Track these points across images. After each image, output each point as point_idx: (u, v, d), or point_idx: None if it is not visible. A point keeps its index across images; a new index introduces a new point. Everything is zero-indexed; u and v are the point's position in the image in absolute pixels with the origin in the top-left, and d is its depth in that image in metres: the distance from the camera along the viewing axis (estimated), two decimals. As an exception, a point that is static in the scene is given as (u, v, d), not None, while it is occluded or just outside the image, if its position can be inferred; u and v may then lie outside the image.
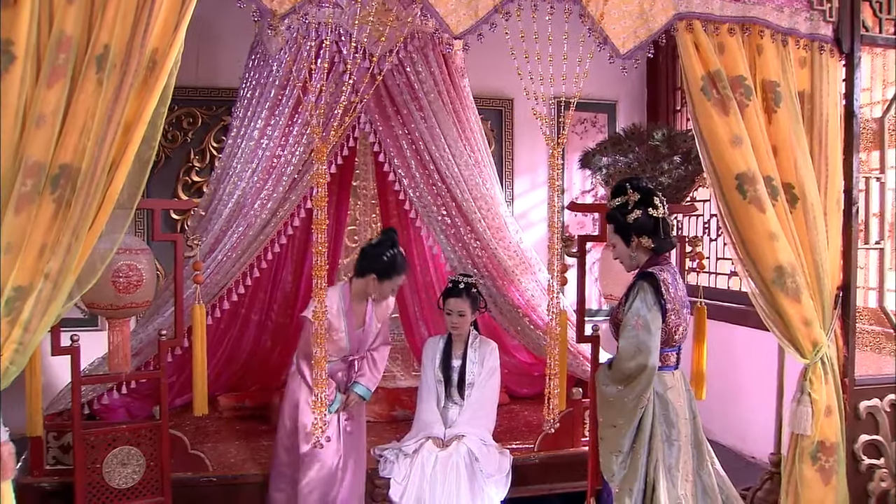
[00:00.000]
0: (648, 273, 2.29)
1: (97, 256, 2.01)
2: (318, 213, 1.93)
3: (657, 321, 2.23)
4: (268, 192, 3.19)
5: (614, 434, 2.27)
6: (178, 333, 2.79)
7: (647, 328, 2.20)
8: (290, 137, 3.21)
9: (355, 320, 2.93)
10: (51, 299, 1.85)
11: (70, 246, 1.86)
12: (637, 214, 2.30)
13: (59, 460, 2.93)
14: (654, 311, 2.23)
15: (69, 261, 1.87)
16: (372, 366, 3.01)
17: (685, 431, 2.35)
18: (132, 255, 2.58)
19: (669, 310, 2.26)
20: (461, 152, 3.36)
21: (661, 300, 2.24)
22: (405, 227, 4.18)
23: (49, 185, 1.85)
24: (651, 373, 2.21)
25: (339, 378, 2.98)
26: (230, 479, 3.05)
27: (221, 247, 3.18)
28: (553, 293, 2.56)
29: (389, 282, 2.87)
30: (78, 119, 1.86)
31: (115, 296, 2.55)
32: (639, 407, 2.23)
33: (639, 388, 2.21)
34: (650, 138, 4.28)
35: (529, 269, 3.47)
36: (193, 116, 4.69)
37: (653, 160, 4.16)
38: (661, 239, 2.32)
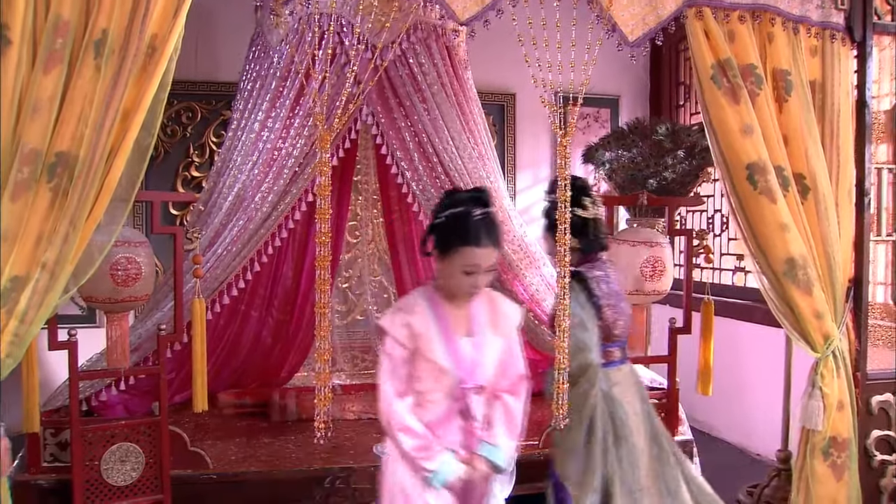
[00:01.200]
0: (576, 272, 2.27)
1: (95, 247, 1.96)
2: (321, 203, 1.88)
3: (592, 318, 2.24)
4: (268, 184, 3.14)
5: (568, 435, 2.24)
6: (178, 328, 2.74)
7: (583, 326, 2.21)
8: (291, 129, 3.17)
9: (454, 328, 1.96)
10: (47, 290, 1.81)
11: (67, 235, 1.81)
12: (577, 213, 2.28)
13: (57, 457, 2.88)
14: (588, 309, 2.24)
15: (66, 251, 1.82)
16: (505, 415, 2.03)
17: (638, 428, 2.31)
18: (131, 248, 2.53)
19: (604, 305, 2.26)
20: (465, 145, 3.32)
21: (593, 297, 2.24)
22: (407, 222, 4.14)
23: (46, 174, 1.80)
24: (594, 370, 2.20)
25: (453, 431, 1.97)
26: (231, 476, 2.99)
27: (221, 240, 3.13)
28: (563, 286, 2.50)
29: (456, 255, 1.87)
30: (75, 105, 1.81)
31: (114, 289, 2.50)
32: (587, 405, 2.22)
33: (584, 386, 2.21)
34: (654, 133, 4.25)
35: (534, 264, 3.43)
36: (192, 111, 4.64)
37: (656, 155, 4.12)
38: (589, 240, 2.33)
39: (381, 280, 4.66)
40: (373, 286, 4.65)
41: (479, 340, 1.96)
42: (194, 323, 2.73)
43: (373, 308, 4.64)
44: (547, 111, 5.27)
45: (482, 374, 1.96)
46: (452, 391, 1.94)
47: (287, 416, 3.69)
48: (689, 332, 3.07)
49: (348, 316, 4.63)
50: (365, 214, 4.49)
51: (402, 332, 1.91)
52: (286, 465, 3.09)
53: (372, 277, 4.63)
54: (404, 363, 1.92)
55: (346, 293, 4.59)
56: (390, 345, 1.92)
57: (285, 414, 3.70)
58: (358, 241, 4.56)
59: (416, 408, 1.94)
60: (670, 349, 3.05)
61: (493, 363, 1.98)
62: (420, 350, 1.91)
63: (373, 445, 3.21)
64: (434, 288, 2.00)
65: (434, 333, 1.92)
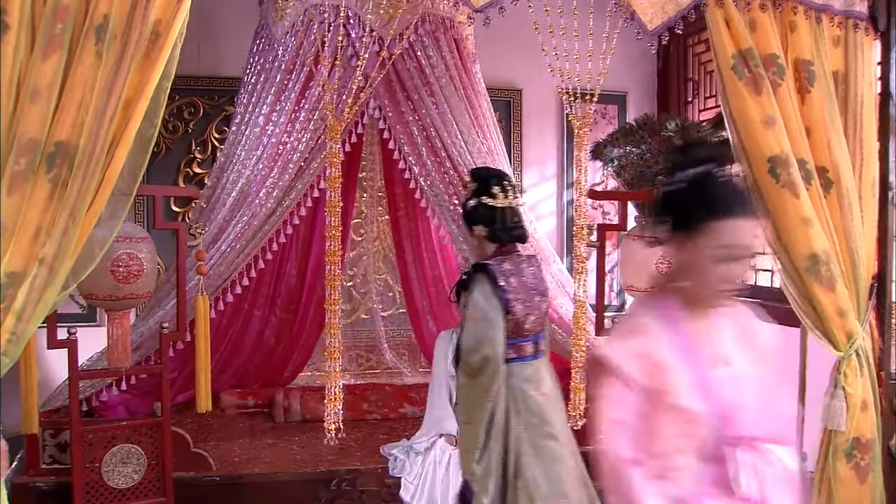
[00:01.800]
0: (482, 264, 2.22)
1: (95, 241, 1.89)
2: (331, 195, 1.81)
3: (496, 311, 2.15)
4: (273, 180, 3.06)
5: (470, 431, 2.17)
6: (181, 326, 2.66)
7: (486, 319, 2.14)
8: (296, 123, 3.09)
9: (703, 352, 1.39)
10: (46, 286, 1.73)
11: (67, 229, 1.74)
12: (474, 203, 2.26)
13: (56, 459, 2.81)
14: (493, 302, 2.15)
15: (66, 245, 1.74)
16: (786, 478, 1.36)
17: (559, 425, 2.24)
18: (132, 244, 2.46)
19: (512, 299, 2.17)
20: (474, 140, 3.24)
21: (499, 290, 2.15)
22: (413, 219, 4.06)
23: (44, 164, 1.73)
24: (495, 364, 2.12)
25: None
26: (234, 478, 2.92)
27: (225, 237, 3.05)
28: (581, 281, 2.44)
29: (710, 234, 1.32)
30: (75, 93, 1.74)
31: (114, 286, 2.42)
32: (487, 400, 2.13)
33: (485, 380, 2.13)
34: (663, 129, 4.18)
35: (545, 261, 3.35)
36: (195, 106, 4.55)
37: (665, 151, 4.06)
38: (498, 229, 2.25)
39: (386, 278, 4.59)
40: (378, 284, 4.58)
41: (738, 370, 1.38)
42: (197, 321, 2.66)
43: (378, 307, 4.57)
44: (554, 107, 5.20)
45: (745, 419, 1.34)
46: (707, 449, 1.34)
47: (291, 416, 3.62)
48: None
49: (353, 315, 4.56)
50: (370, 212, 4.42)
51: (637, 365, 1.33)
52: (291, 466, 3.02)
53: (377, 276, 4.57)
54: (641, 413, 1.32)
55: (351, 291, 4.52)
56: (619, 387, 1.34)
57: (289, 414, 3.63)
58: (363, 238, 4.48)
59: (659, 481, 1.32)
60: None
61: (755, 402, 1.36)
62: (661, 390, 1.32)
63: (379, 447, 3.14)
64: (666, 293, 1.41)
65: (678, 363, 1.33)
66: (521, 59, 5.02)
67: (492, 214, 2.24)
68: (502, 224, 2.25)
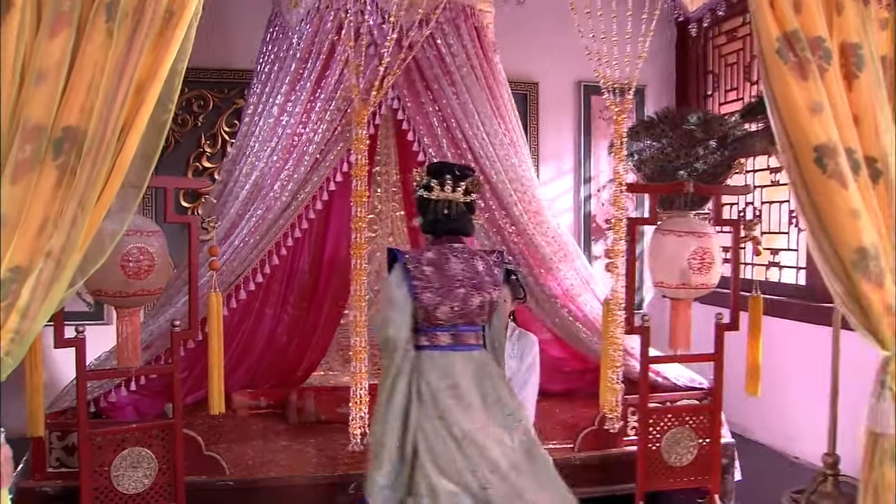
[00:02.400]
0: (392, 250, 2.34)
1: (106, 234, 1.78)
2: (357, 185, 1.70)
3: (400, 297, 2.24)
4: (288, 172, 2.95)
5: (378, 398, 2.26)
6: (193, 324, 2.55)
7: (390, 302, 2.26)
8: (311, 114, 2.97)
9: None
10: (52, 281, 1.62)
11: (75, 220, 1.62)
12: (419, 193, 2.34)
13: (63, 462, 2.71)
14: (398, 288, 2.25)
15: (74, 237, 1.63)
16: None
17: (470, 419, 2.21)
18: (143, 238, 2.35)
19: (420, 287, 2.23)
20: (495, 131, 3.12)
21: (408, 277, 2.23)
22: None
23: (51, 150, 1.61)
24: (394, 345, 2.22)
25: None
26: (249, 482, 2.82)
27: (238, 231, 2.94)
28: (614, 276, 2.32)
29: None
30: (84, 74, 1.62)
31: (124, 282, 2.31)
32: (388, 377, 2.22)
33: (387, 361, 2.24)
34: (685, 122, 4.06)
35: (569, 257, 3.23)
36: (204, 99, 4.46)
37: (687, 145, 3.93)
38: (430, 221, 2.33)
39: (400, 276, 4.47)
40: (390, 282, 4.47)
41: None
42: (210, 318, 2.54)
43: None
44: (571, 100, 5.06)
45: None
46: None
47: (305, 417, 3.50)
48: (737, 328, 2.87)
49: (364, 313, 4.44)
50: (384, 207, 4.31)
51: None
52: (307, 470, 2.91)
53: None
54: None
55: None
56: None
57: (303, 415, 3.52)
58: (376, 234, 4.37)
59: None
60: (717, 347, 2.85)
61: None
62: None
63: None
64: None
65: None
66: (538, 52, 4.92)
67: (425, 206, 2.32)
68: (434, 216, 2.31)
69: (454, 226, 2.33)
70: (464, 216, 2.33)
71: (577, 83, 5.10)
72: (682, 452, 2.84)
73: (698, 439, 2.85)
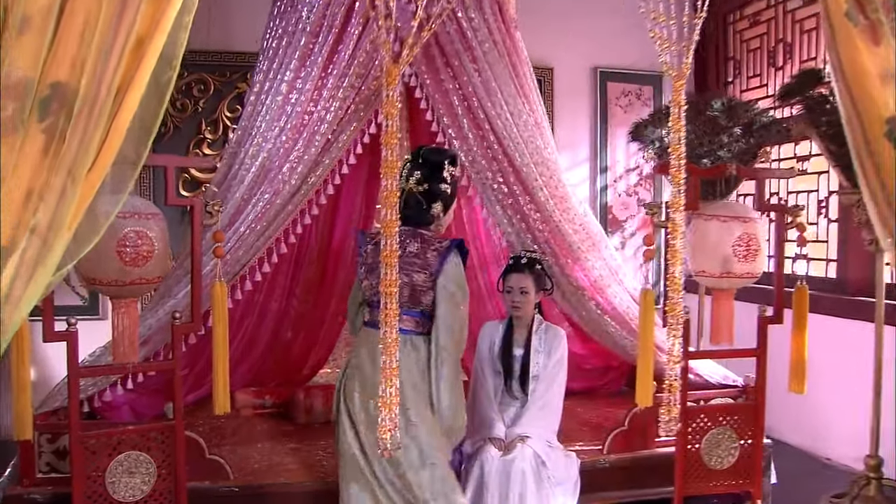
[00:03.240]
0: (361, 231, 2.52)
1: (100, 209, 1.56)
2: (387, 153, 1.48)
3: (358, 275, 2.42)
4: (297, 153, 2.73)
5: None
6: (195, 316, 2.33)
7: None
8: (323, 91, 2.76)
9: None
10: (38, 262, 1.40)
11: (65, 191, 1.41)
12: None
13: (54, 467, 2.49)
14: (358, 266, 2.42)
15: (63, 211, 1.42)
16: None
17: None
18: (141, 221, 2.13)
19: (359, 264, 2.40)
20: (519, 111, 2.91)
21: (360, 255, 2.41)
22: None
23: (37, 111, 1.40)
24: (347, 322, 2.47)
25: None
26: (255, 488, 2.60)
27: (244, 217, 2.72)
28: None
29: None
30: (76, 22, 1.41)
31: (121, 269, 2.10)
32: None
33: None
34: (708, 108, 3.90)
35: (597, 246, 3.02)
36: (205, 83, 4.25)
37: (711, 132, 3.77)
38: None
39: (408, 269, 4.27)
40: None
41: None
42: (214, 310, 2.32)
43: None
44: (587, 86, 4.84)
45: None
46: None
47: (314, 417, 3.30)
48: (781, 321, 2.67)
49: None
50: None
51: None
52: (318, 474, 2.70)
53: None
54: None
55: (371, 284, 4.19)
56: None
57: (312, 415, 3.31)
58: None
59: None
60: (760, 341, 2.65)
61: None
62: None
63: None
64: None
65: None
66: (553, 36, 4.71)
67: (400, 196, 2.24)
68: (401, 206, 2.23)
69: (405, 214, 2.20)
70: (418, 206, 2.29)
71: (593, 69, 4.91)
72: (723, 454, 2.64)
73: (740, 440, 2.65)
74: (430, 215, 2.32)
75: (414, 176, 2.28)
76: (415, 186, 2.28)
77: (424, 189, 2.28)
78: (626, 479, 2.90)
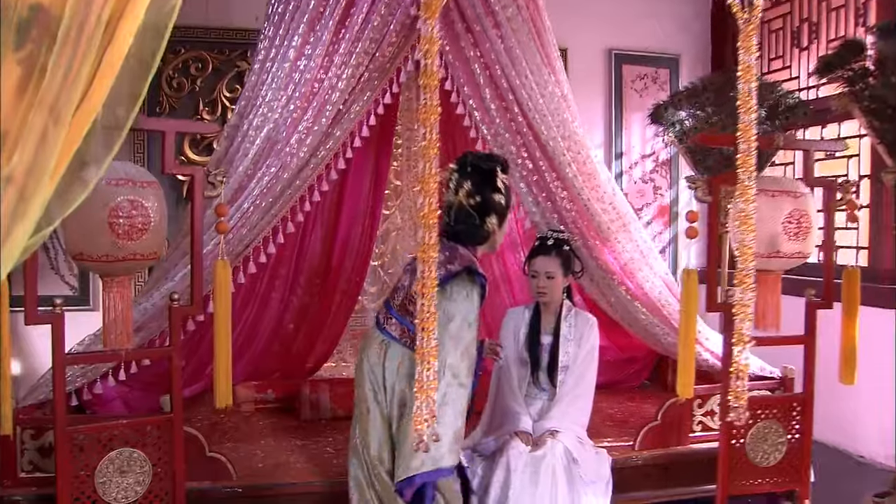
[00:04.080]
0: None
1: (90, 157, 1.33)
2: (428, 98, 1.26)
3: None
4: (307, 124, 2.50)
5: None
6: (196, 298, 2.11)
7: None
8: (334, 57, 2.53)
9: None
10: (13, 218, 1.17)
11: (46, 133, 1.18)
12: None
13: (38, 466, 2.26)
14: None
15: (43, 158, 1.19)
16: None
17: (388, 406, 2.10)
18: (136, 189, 1.90)
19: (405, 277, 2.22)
20: (545, 81, 2.70)
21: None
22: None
23: (13, 37, 1.17)
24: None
25: None
26: (260, 489, 2.38)
27: (247, 193, 2.49)
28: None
29: None
30: (59, -66, 1.18)
31: (113, 243, 1.86)
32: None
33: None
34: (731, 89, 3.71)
35: (627, 227, 2.81)
36: (203, 61, 4.02)
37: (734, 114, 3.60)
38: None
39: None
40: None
41: None
42: (217, 291, 2.10)
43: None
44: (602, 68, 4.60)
45: None
46: None
47: (320, 412, 3.08)
48: (831, 306, 2.48)
49: (378, 298, 4.03)
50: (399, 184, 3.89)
51: None
52: (328, 473, 2.48)
53: (408, 254, 4.04)
54: None
55: (378, 272, 3.98)
56: None
57: (318, 410, 3.09)
58: (391, 211, 3.94)
59: None
60: (809, 328, 2.45)
61: None
62: None
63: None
64: None
65: None
66: (566, 16, 4.49)
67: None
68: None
69: (457, 229, 2.10)
70: (469, 220, 2.08)
71: (607, 51, 4.71)
72: (769, 450, 2.44)
73: (786, 435, 2.45)
74: (484, 230, 2.11)
75: (464, 187, 2.06)
76: (465, 199, 2.06)
77: (477, 202, 2.06)
78: (661, 478, 2.70)
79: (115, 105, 1.39)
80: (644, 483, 2.68)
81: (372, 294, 3.99)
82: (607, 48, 4.72)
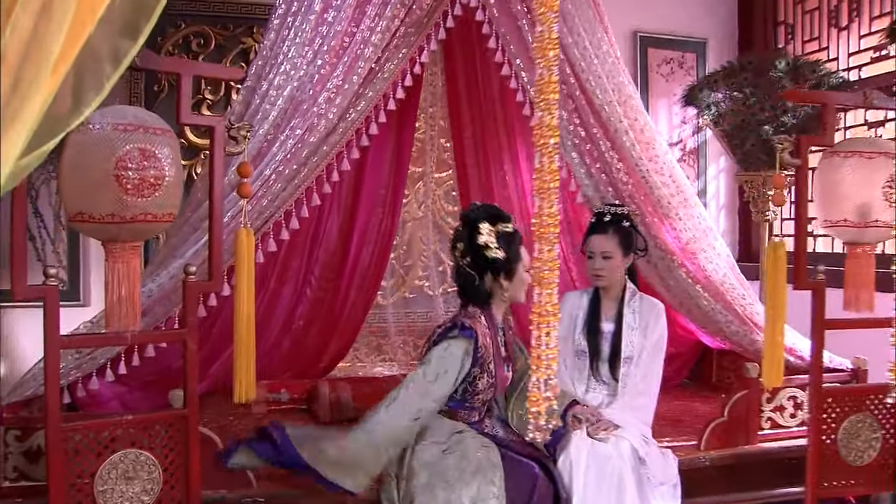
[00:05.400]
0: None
1: (90, 57, 1.03)
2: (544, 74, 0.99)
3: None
4: (336, 82, 2.20)
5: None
6: (214, 273, 1.79)
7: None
8: (367, 8, 2.24)
9: None
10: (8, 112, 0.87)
11: (36, 29, 0.88)
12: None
13: (24, 473, 1.92)
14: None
15: (30, 72, 0.89)
16: None
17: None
18: (148, 136, 1.59)
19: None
20: (599, 40, 2.43)
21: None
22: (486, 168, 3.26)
23: None
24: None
25: None
26: (285, 499, 2.05)
27: (268, 160, 2.19)
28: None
29: None
30: None
31: (120, 200, 1.55)
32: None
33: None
34: (771, 69, 3.51)
35: (688, 202, 2.53)
36: (205, 37, 3.72)
37: (774, 96, 3.41)
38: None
39: (435, 250, 3.77)
40: (424, 258, 3.79)
41: None
42: (239, 264, 1.80)
43: (425, 284, 3.77)
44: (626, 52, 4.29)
45: None
46: None
47: (342, 413, 2.76)
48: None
49: (395, 293, 3.75)
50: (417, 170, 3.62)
51: None
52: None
53: (424, 246, 3.77)
54: None
55: (392, 264, 3.69)
56: None
57: (339, 411, 2.77)
58: (407, 199, 3.66)
59: None
60: (903, 310, 2.17)
61: None
62: None
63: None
64: None
65: None
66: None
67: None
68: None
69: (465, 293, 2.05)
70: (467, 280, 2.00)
71: (632, 33, 4.47)
72: (863, 447, 2.16)
73: (882, 430, 2.17)
74: (483, 289, 2.01)
75: (458, 248, 2.02)
76: (459, 259, 2.01)
77: (468, 262, 1.99)
78: (731, 480, 2.41)
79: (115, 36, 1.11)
80: (714, 485, 2.39)
81: (384, 289, 3.70)
82: (632, 30, 4.49)
